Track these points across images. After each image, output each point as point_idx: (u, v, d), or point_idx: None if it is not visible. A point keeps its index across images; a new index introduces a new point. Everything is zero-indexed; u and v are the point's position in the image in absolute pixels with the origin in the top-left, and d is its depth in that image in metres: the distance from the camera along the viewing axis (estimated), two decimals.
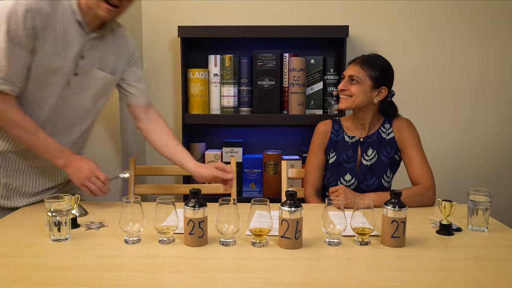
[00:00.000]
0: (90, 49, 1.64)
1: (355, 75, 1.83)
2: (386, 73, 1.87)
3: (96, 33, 1.63)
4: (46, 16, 1.49)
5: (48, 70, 1.55)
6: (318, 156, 1.95)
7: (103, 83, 1.71)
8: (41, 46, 1.51)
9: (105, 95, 1.78)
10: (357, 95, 1.83)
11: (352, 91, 1.83)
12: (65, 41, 1.56)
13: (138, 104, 1.84)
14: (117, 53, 1.74)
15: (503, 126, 2.61)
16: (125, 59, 1.78)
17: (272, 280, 1.13)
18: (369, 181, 1.89)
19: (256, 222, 1.34)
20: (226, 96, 2.42)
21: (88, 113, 1.76)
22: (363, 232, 1.36)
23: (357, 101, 1.84)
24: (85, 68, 1.64)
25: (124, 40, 1.78)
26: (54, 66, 1.56)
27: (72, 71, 1.61)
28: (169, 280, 1.13)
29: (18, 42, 1.45)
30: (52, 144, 1.60)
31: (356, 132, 1.93)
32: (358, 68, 1.84)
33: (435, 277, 1.14)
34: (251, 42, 2.49)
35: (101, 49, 1.68)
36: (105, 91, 1.76)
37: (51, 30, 1.52)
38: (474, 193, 1.51)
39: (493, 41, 2.54)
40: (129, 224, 1.35)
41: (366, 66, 1.84)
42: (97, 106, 1.77)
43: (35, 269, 1.18)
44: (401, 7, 2.52)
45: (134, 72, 1.82)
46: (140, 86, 1.83)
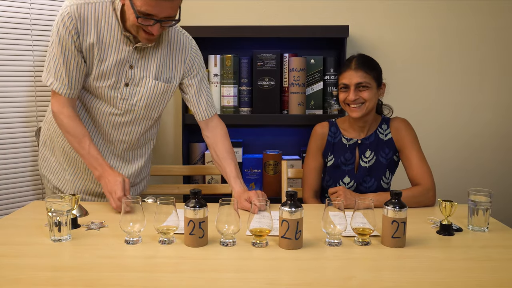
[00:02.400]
0: (140, 59, 1.66)
1: (363, 81, 1.78)
2: (379, 69, 1.87)
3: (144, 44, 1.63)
4: (88, 20, 1.57)
5: (96, 77, 1.63)
6: (316, 159, 1.95)
7: (156, 93, 1.71)
8: (87, 51, 1.60)
9: (161, 104, 1.77)
10: (370, 100, 1.80)
11: (365, 97, 1.79)
12: (110, 48, 1.61)
13: (197, 118, 1.84)
14: (174, 61, 1.73)
15: (504, 126, 2.61)
16: (183, 68, 1.75)
17: (272, 280, 1.13)
18: (368, 183, 1.88)
19: (256, 223, 1.34)
20: (226, 96, 2.42)
21: (143, 121, 1.77)
22: (364, 233, 1.36)
23: (370, 106, 1.81)
24: (136, 78, 1.66)
25: (182, 48, 1.74)
26: (100, 72, 1.62)
27: (122, 81, 1.65)
28: (169, 280, 1.13)
29: (68, 47, 1.57)
30: (94, 153, 1.66)
31: (353, 134, 1.92)
32: (362, 73, 1.79)
33: (435, 278, 1.14)
34: (251, 42, 2.49)
35: (153, 58, 1.68)
36: (160, 100, 1.75)
37: (94, 35, 1.58)
38: (475, 193, 1.51)
39: (493, 40, 2.54)
40: (130, 224, 1.35)
41: (367, 68, 1.80)
42: (150, 115, 1.77)
43: (35, 269, 1.18)
44: (401, 7, 2.52)
45: (192, 84, 1.78)
46: (199, 99, 1.79)
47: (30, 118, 2.10)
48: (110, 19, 1.61)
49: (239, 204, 1.63)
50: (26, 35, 2.06)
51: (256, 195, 1.60)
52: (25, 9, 2.04)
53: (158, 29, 1.54)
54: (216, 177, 2.46)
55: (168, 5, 1.51)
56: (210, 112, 1.83)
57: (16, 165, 2.08)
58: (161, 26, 1.55)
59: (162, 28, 1.57)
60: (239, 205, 1.62)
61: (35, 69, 2.09)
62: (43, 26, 2.10)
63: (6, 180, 2.07)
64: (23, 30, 2.05)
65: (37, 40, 2.08)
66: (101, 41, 1.61)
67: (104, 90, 1.66)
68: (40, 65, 2.10)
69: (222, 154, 1.79)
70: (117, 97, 1.68)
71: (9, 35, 2.02)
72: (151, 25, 1.52)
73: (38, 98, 2.11)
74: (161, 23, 1.53)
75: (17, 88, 2.06)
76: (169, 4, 1.51)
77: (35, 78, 2.10)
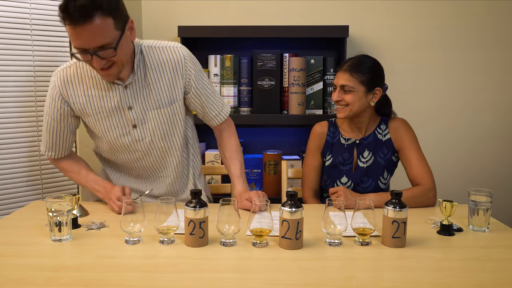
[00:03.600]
0: (135, 96, 1.61)
1: (347, 84, 1.78)
2: (376, 73, 1.82)
3: (128, 79, 1.58)
4: (73, 83, 1.61)
5: (103, 131, 1.66)
6: (315, 159, 1.95)
7: (165, 120, 1.67)
8: (81, 110, 1.64)
9: (176, 126, 1.71)
10: (353, 103, 1.79)
11: (347, 100, 1.79)
12: (102, 98, 1.61)
13: (209, 125, 1.81)
14: (171, 80, 1.64)
15: (504, 126, 2.61)
16: (182, 83, 1.66)
17: (272, 280, 1.13)
18: (365, 183, 1.88)
19: (256, 223, 1.34)
20: (226, 96, 2.42)
21: (170, 150, 1.73)
22: (364, 233, 1.36)
23: (354, 109, 1.80)
24: (139, 117, 1.63)
25: (174, 64, 1.63)
26: (105, 125, 1.65)
27: (128, 125, 1.64)
28: (169, 280, 1.13)
29: (51, 116, 1.67)
30: (92, 178, 1.73)
31: (352, 134, 1.92)
32: (348, 76, 1.79)
33: (435, 278, 1.14)
34: (251, 42, 2.49)
35: (147, 88, 1.61)
36: (173, 124, 1.69)
37: (82, 93, 1.61)
38: (475, 193, 1.51)
39: (495, 40, 2.54)
40: (130, 224, 1.35)
41: (354, 72, 1.78)
42: (173, 140, 1.72)
43: (36, 269, 1.18)
44: (401, 7, 2.52)
45: (196, 96, 1.70)
46: (208, 110, 1.74)
47: (30, 118, 2.10)
48: (90, 72, 1.60)
49: (239, 204, 1.63)
50: (26, 35, 2.05)
51: (257, 195, 1.59)
52: (25, 9, 2.04)
53: (98, 62, 1.42)
54: (216, 177, 2.46)
55: (88, 32, 1.35)
56: (222, 117, 1.78)
57: (16, 165, 2.08)
58: (100, 57, 1.41)
59: (104, 60, 1.43)
60: (239, 204, 1.62)
61: (35, 69, 2.09)
62: (43, 26, 2.10)
63: (6, 180, 2.07)
64: (23, 30, 2.04)
65: (37, 40, 2.08)
66: (91, 96, 1.61)
67: (116, 141, 1.66)
68: (40, 65, 2.10)
69: (229, 154, 1.81)
70: (131, 142, 1.67)
71: (9, 35, 2.01)
72: (90, 60, 1.42)
73: (38, 98, 2.11)
74: (97, 55, 1.40)
75: (17, 88, 2.06)
76: (89, 31, 1.35)
77: (35, 78, 2.10)
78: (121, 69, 1.51)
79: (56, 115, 1.66)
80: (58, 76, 1.62)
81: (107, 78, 1.53)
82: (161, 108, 1.64)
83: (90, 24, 1.34)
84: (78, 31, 1.35)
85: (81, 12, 1.32)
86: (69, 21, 1.35)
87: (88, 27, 1.34)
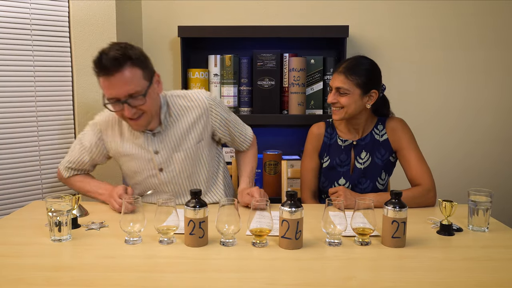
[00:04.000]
0: (161, 141, 1.72)
1: (342, 87, 1.77)
2: (372, 76, 1.80)
3: (156, 129, 1.71)
4: (112, 127, 1.75)
5: (132, 170, 1.77)
6: (313, 160, 1.94)
7: (191, 157, 1.76)
8: (114, 150, 1.76)
9: (201, 158, 1.80)
10: (348, 106, 1.78)
11: (342, 102, 1.78)
12: (131, 143, 1.73)
13: (239, 149, 1.96)
14: (194, 126, 1.75)
15: (505, 126, 2.61)
16: (208, 128, 1.78)
17: (272, 280, 1.13)
18: (363, 185, 1.87)
19: (256, 223, 1.34)
20: (226, 96, 2.42)
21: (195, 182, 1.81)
22: (364, 233, 1.36)
23: (350, 112, 1.79)
24: (165, 161, 1.74)
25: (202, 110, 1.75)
26: (134, 167, 1.76)
27: (155, 169, 1.75)
28: (169, 280, 1.13)
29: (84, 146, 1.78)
30: (94, 184, 1.79)
31: (349, 135, 1.90)
32: (343, 78, 1.77)
33: (435, 278, 1.14)
34: (251, 42, 2.49)
35: (174, 133, 1.73)
36: (199, 158, 1.79)
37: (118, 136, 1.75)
38: (475, 193, 1.50)
39: (495, 41, 2.54)
40: (130, 224, 1.35)
41: (350, 74, 1.76)
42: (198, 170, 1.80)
43: (35, 269, 1.18)
44: (401, 7, 2.52)
45: (223, 132, 1.83)
46: (235, 138, 1.88)
47: (30, 118, 2.10)
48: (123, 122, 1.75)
49: (241, 199, 1.68)
50: (26, 35, 2.06)
51: (258, 191, 1.62)
52: (25, 9, 2.04)
53: (129, 110, 1.55)
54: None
55: (120, 81, 1.51)
56: (248, 141, 1.93)
57: (16, 165, 2.08)
58: (130, 106, 1.55)
59: (135, 109, 1.56)
60: (240, 199, 1.68)
61: (35, 69, 2.09)
62: (43, 26, 2.10)
63: (6, 180, 2.07)
64: (23, 30, 2.05)
65: (37, 40, 2.08)
66: (125, 138, 1.74)
67: (145, 182, 1.78)
68: (40, 65, 2.10)
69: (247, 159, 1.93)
70: (158, 184, 1.78)
71: (9, 35, 2.02)
72: (122, 109, 1.56)
73: (38, 98, 2.11)
74: (128, 103, 1.54)
75: (17, 88, 2.06)
76: (121, 80, 1.51)
77: (35, 78, 2.10)
78: (150, 119, 1.64)
79: (88, 146, 1.78)
80: (102, 115, 1.78)
81: (136, 128, 1.65)
82: (186, 150, 1.75)
83: (121, 74, 1.50)
84: (111, 81, 1.51)
85: (112, 63, 1.49)
86: (103, 73, 1.51)
87: (119, 76, 1.50)
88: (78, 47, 2.17)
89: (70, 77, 2.20)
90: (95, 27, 2.17)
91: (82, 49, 2.17)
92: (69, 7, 2.15)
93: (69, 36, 2.17)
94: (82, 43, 2.17)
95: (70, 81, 2.20)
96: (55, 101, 2.17)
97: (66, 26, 2.16)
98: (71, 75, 2.20)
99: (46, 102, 2.14)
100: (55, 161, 2.18)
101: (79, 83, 2.19)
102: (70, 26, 2.16)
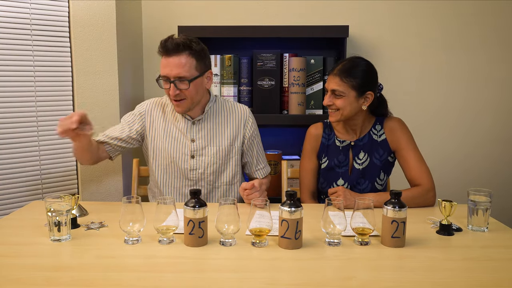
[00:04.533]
0: (199, 131, 1.87)
1: (337, 89, 1.76)
2: (367, 77, 1.79)
3: (199, 116, 1.86)
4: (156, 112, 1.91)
5: (167, 150, 1.87)
6: (311, 160, 1.94)
7: (221, 156, 1.89)
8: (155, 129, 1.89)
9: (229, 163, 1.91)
10: (344, 108, 1.78)
11: (338, 105, 1.78)
12: (174, 126, 1.87)
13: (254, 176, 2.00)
14: (232, 126, 1.91)
15: (505, 126, 2.61)
16: (241, 134, 1.92)
17: (272, 280, 1.13)
18: (362, 185, 1.86)
19: (256, 222, 1.34)
20: (226, 96, 2.42)
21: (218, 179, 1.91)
22: (363, 232, 1.36)
23: (346, 113, 1.79)
24: (199, 150, 1.87)
25: (240, 116, 1.92)
26: (170, 148, 1.86)
27: (188, 154, 1.86)
28: (169, 280, 1.13)
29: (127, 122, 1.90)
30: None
31: (347, 136, 1.90)
32: (338, 80, 1.76)
33: (435, 277, 1.14)
34: (251, 42, 2.49)
35: (212, 128, 1.88)
36: (226, 161, 1.90)
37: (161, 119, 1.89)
38: (474, 193, 1.50)
39: (496, 41, 2.54)
40: (129, 224, 1.35)
41: (345, 76, 1.76)
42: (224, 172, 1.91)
43: (35, 269, 1.18)
44: (401, 7, 2.52)
45: (248, 147, 1.94)
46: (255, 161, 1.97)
47: (30, 118, 2.10)
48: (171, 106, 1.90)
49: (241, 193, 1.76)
50: (26, 35, 2.06)
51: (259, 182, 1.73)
52: (25, 9, 2.04)
53: (173, 90, 1.73)
54: None
55: (174, 63, 1.71)
56: (266, 171, 2.02)
57: (16, 165, 2.08)
58: (176, 87, 1.73)
59: (178, 91, 1.73)
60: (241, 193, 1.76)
61: (35, 69, 2.09)
62: (43, 26, 2.10)
63: (6, 180, 2.07)
64: (23, 30, 2.05)
65: (37, 40, 2.08)
66: (167, 120, 1.89)
67: (174, 163, 1.87)
68: (40, 65, 2.10)
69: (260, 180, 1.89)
70: (186, 168, 1.87)
71: (9, 35, 2.02)
72: (168, 88, 1.74)
73: (38, 98, 2.11)
74: (174, 84, 1.73)
75: (17, 88, 2.06)
76: (175, 62, 1.71)
77: (35, 78, 2.10)
78: (191, 106, 1.81)
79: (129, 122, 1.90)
80: (150, 101, 1.95)
81: (177, 109, 1.82)
82: (219, 146, 1.88)
83: (178, 57, 1.72)
84: (168, 61, 1.73)
85: (174, 47, 1.72)
86: (164, 53, 1.74)
87: (176, 59, 1.72)
88: (78, 47, 2.17)
89: (70, 77, 2.20)
90: (95, 27, 2.17)
91: (82, 49, 2.17)
92: (69, 7, 2.15)
93: (69, 36, 2.17)
94: (82, 43, 2.17)
95: (70, 81, 2.20)
96: (55, 101, 2.17)
97: (66, 26, 2.16)
98: (71, 75, 2.20)
99: (46, 102, 2.14)
100: (55, 161, 2.18)
101: (79, 83, 2.19)
102: (70, 26, 2.16)
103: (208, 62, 1.83)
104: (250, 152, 1.95)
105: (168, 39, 1.74)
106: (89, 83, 2.19)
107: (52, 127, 2.18)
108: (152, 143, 1.90)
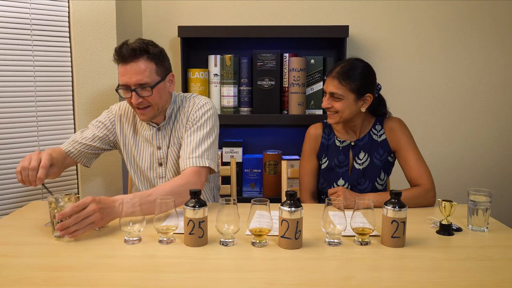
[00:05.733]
0: (164, 138, 1.81)
1: (336, 92, 1.76)
2: (366, 80, 1.78)
3: (163, 122, 1.79)
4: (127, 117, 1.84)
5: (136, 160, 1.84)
6: (311, 161, 1.94)
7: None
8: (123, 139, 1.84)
9: None
10: (343, 111, 1.77)
11: (337, 107, 1.77)
12: (140, 135, 1.81)
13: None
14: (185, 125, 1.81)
15: (505, 126, 2.61)
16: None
17: (272, 280, 1.13)
18: (362, 185, 1.86)
19: (256, 222, 1.34)
20: (226, 96, 2.42)
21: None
22: (363, 232, 1.36)
23: (344, 116, 1.79)
24: (165, 157, 1.81)
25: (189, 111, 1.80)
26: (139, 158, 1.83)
27: (155, 162, 1.82)
28: (169, 280, 1.13)
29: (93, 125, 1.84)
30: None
31: (347, 136, 1.90)
32: (337, 83, 1.76)
33: (435, 277, 1.14)
34: (251, 42, 2.49)
35: (174, 133, 1.81)
36: None
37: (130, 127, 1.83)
38: (474, 193, 1.50)
39: (495, 41, 2.54)
40: (129, 224, 1.35)
41: (344, 79, 1.75)
42: None
43: (35, 269, 1.18)
44: (401, 7, 2.52)
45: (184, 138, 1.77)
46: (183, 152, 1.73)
47: (30, 118, 2.10)
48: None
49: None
50: (26, 35, 2.06)
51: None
52: (25, 9, 2.04)
53: (136, 98, 1.65)
54: None
55: (133, 69, 1.63)
56: (183, 165, 1.70)
57: (16, 165, 2.08)
58: (138, 95, 1.64)
59: (141, 98, 1.65)
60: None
61: (35, 69, 2.09)
62: (43, 26, 2.10)
63: (6, 180, 2.07)
64: (23, 30, 2.05)
65: (37, 40, 2.08)
66: (135, 131, 1.84)
67: (144, 173, 1.84)
68: (40, 65, 2.10)
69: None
70: (154, 177, 1.84)
71: (9, 35, 2.02)
72: (130, 97, 1.66)
73: (38, 98, 2.11)
74: (136, 92, 1.64)
75: (17, 88, 2.06)
76: (134, 69, 1.63)
77: (35, 78, 2.10)
78: (156, 113, 1.73)
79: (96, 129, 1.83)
80: (117, 109, 1.87)
81: (142, 118, 1.72)
82: (178, 148, 1.80)
83: (136, 64, 1.63)
84: (126, 68, 1.63)
85: (130, 53, 1.62)
86: (120, 60, 1.65)
87: (134, 66, 1.63)
88: (78, 47, 2.17)
89: (70, 77, 2.20)
90: (95, 27, 2.17)
91: (82, 49, 2.17)
92: (69, 7, 2.15)
93: (69, 36, 2.18)
94: (82, 43, 2.17)
95: (70, 81, 2.20)
96: (55, 101, 2.18)
97: (66, 26, 2.16)
98: (71, 75, 2.20)
99: (46, 102, 2.14)
100: None
101: (79, 83, 2.19)
102: (70, 26, 2.16)
103: (168, 64, 1.75)
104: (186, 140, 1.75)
105: (122, 45, 1.64)
106: (89, 83, 2.20)
107: (52, 127, 2.18)
108: (125, 151, 1.85)
